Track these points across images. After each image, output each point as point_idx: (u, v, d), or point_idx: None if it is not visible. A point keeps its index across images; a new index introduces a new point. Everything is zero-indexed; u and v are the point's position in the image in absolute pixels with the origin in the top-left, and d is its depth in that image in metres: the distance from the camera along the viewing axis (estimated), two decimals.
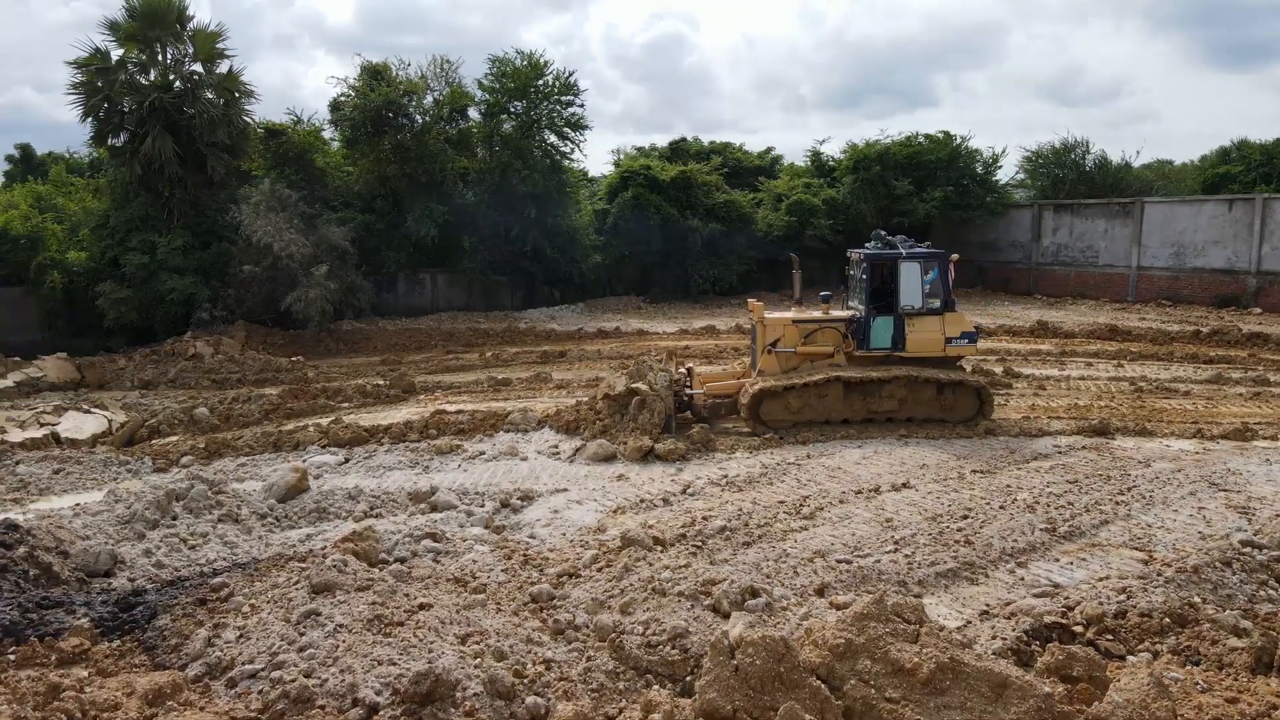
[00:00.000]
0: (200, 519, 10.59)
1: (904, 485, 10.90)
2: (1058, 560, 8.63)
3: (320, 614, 6.66)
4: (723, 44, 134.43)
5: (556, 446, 13.38)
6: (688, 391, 14.83)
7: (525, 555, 8.99)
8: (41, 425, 15.61)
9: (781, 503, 10.41)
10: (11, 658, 6.88)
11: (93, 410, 16.84)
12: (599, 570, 8.17)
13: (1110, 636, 6.66)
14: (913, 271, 13.88)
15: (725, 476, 11.67)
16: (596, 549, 8.97)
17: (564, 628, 6.95)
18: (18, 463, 13.73)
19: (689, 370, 15.47)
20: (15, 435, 14.97)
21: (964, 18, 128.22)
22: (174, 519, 10.55)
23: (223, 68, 26.62)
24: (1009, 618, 7.19)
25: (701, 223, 32.15)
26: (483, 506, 10.99)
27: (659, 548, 8.45)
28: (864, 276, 14.25)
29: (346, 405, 17.79)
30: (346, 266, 26.08)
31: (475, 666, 5.98)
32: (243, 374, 21.69)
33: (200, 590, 7.82)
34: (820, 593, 7.81)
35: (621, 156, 40.54)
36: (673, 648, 6.17)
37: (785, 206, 33.96)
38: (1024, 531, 9.18)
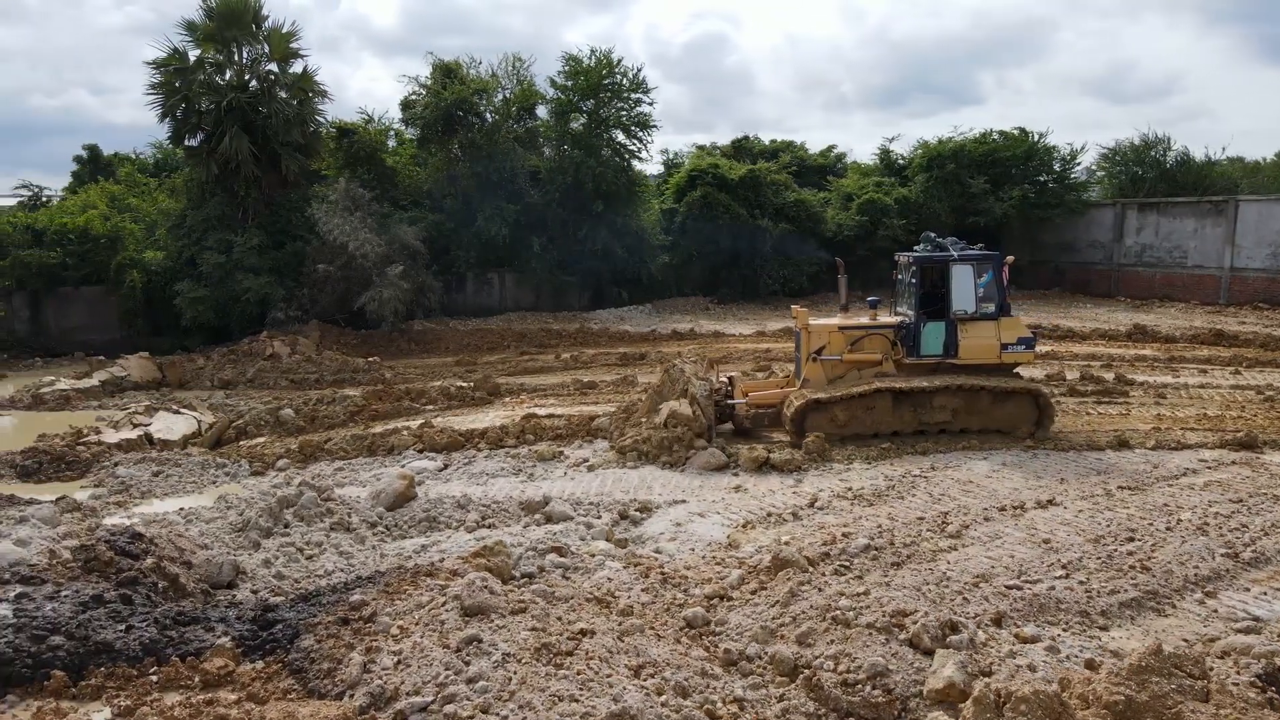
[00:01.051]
0: (312, 527, 10.30)
1: (1049, 502, 10.20)
2: (1248, 590, 7.90)
3: (482, 640, 6.22)
4: (764, 43, 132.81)
5: None
6: (729, 401, 14.24)
7: (662, 573, 8.50)
8: (134, 426, 15.53)
9: (921, 519, 9.79)
10: (154, 678, 6.57)
11: (182, 411, 16.76)
12: (752, 593, 7.64)
13: None
14: (965, 274, 13.09)
15: (850, 489, 11.07)
16: (739, 568, 8.45)
17: (735, 659, 6.44)
18: (116, 464, 13.62)
19: (730, 379, 14.86)
20: (110, 436, 14.88)
21: (1010, 14, 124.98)
22: (286, 527, 10.27)
23: (296, 67, 26.64)
24: (1222, 657, 6.51)
25: (771, 223, 31.49)
26: (599, 518, 10.53)
27: (814, 569, 7.89)
28: (913, 280, 13.51)
29: (431, 408, 17.49)
30: (417, 266, 25.90)
31: (664, 706, 5.50)
32: (320, 374, 21.57)
33: (338, 608, 7.45)
34: (998, 623, 7.19)
35: (672, 155, 40.13)
36: (874, 688, 5.63)
37: (856, 206, 33.14)
38: (1203, 556, 8.46)
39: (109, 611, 7.19)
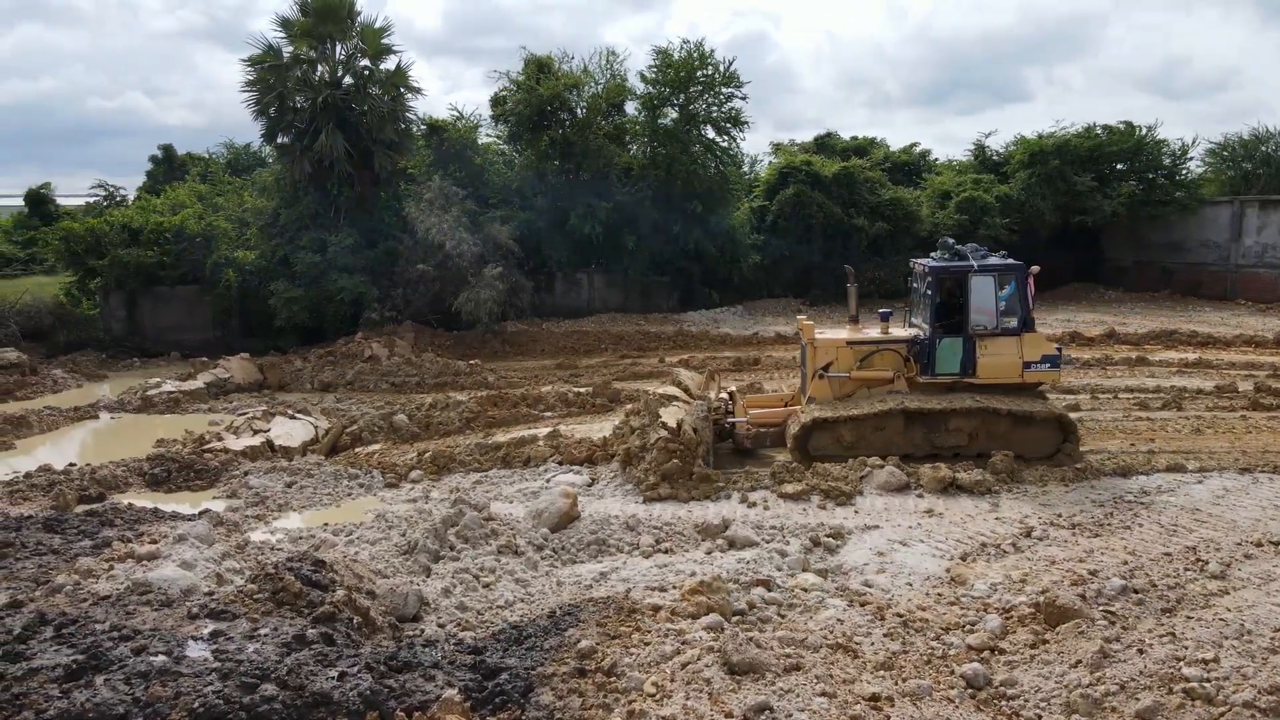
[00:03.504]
0: (479, 550, 9.55)
1: None
2: None
3: (774, 709, 5.32)
4: (805, 41, 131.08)
5: None
6: (729, 420, 13.18)
7: (898, 615, 7.55)
8: (255, 432, 14.99)
9: (1167, 555, 8.70)
10: None
11: (297, 416, 16.20)
12: (1032, 646, 6.65)
13: None
14: (985, 286, 11.94)
15: (1060, 516, 10.00)
16: (989, 611, 7.47)
17: None
18: (246, 474, 13.04)
19: (731, 395, 13.78)
20: (233, 443, 14.35)
21: (1058, 9, 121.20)
22: (453, 549, 9.54)
23: (388, 63, 26.10)
24: None
25: (867, 221, 30.29)
26: (788, 544, 9.60)
27: (1106, 619, 6.85)
28: (929, 291, 12.31)
29: (550, 415, 16.73)
30: (510, 266, 25.20)
31: None
32: (421, 377, 20.97)
33: (564, 654, 6.62)
34: None
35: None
36: None
37: (954, 204, 31.74)
38: None
39: (315, 654, 6.43)
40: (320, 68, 25.54)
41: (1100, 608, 7.45)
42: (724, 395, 13.86)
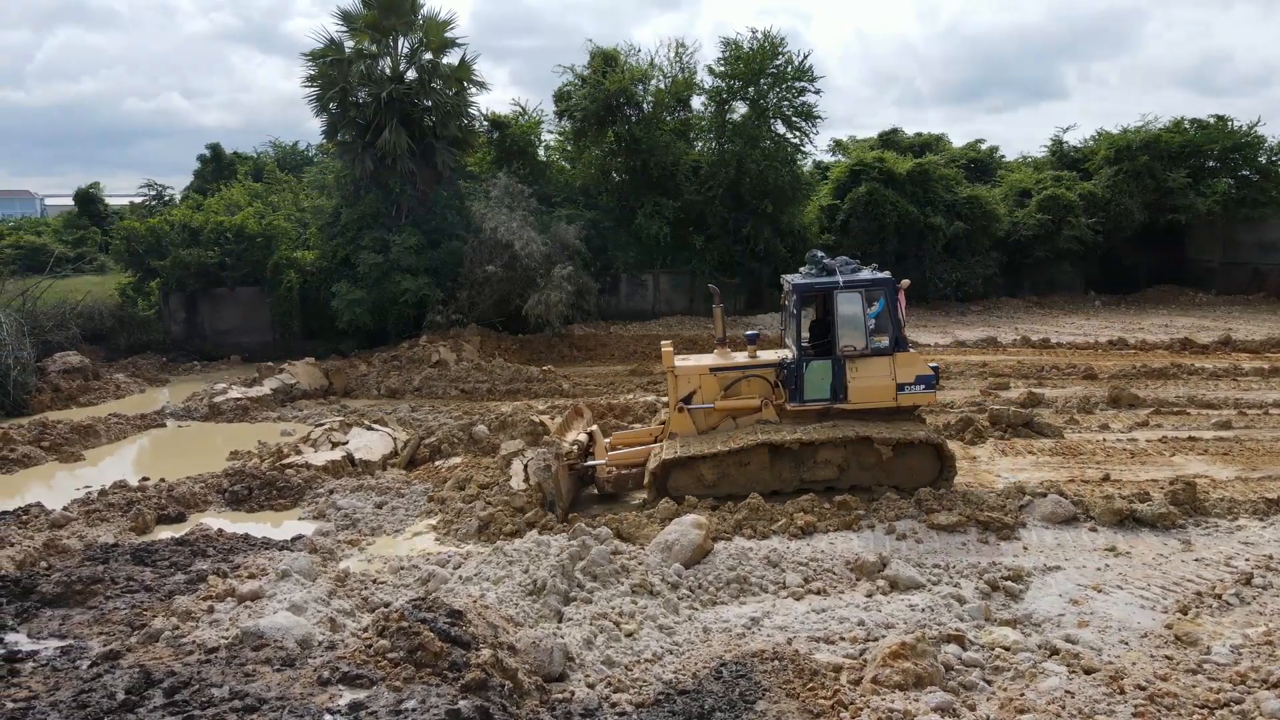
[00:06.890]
0: (610, 590, 8.51)
1: None
2: None
3: None
4: (834, 39, 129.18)
5: None
6: (585, 464, 11.90)
7: (1140, 687, 6.36)
8: (334, 445, 14.10)
9: None
10: None
11: (375, 427, 15.29)
12: None
13: None
14: (853, 303, 10.82)
15: (1272, 558, 8.72)
16: (1245, 683, 6.28)
17: None
18: (331, 492, 12.14)
19: (591, 435, 12.57)
20: (314, 457, 13.46)
21: (1094, 5, 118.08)
22: (583, 589, 8.50)
23: (452, 56, 25.20)
24: None
25: (944, 221, 28.89)
26: (959, 587, 8.46)
27: None
28: (795, 311, 11.24)
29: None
30: (578, 266, 24.18)
31: None
32: (492, 383, 20.05)
33: None
34: None
35: None
36: None
37: (1035, 203, 30.21)
38: None
39: None
40: (382, 62, 24.70)
41: None
42: (582, 438, 12.46)
